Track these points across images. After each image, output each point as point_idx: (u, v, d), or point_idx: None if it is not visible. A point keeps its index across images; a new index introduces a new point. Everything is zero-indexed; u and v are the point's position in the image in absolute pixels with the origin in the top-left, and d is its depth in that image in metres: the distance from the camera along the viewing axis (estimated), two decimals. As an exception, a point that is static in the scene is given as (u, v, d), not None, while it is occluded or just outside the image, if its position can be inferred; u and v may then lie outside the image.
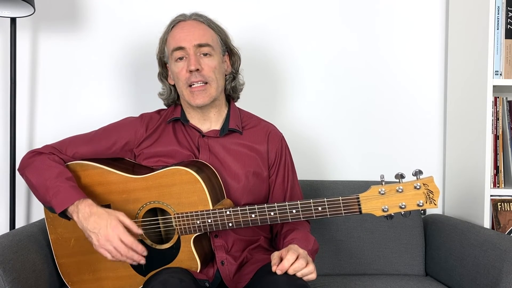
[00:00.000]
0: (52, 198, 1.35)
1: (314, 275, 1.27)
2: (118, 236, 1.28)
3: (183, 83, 1.46)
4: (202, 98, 1.45)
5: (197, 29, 1.47)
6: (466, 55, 1.91)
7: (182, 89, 1.48)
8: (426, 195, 1.26)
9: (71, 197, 1.34)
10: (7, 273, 1.30)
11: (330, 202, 1.30)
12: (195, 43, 1.45)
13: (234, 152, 1.50)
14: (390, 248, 1.86)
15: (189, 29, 1.46)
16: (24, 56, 1.98)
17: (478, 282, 1.54)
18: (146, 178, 1.39)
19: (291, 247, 1.29)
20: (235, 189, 1.46)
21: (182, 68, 1.45)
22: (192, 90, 1.45)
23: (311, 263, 1.27)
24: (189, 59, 1.44)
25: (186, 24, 1.48)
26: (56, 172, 1.39)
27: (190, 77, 1.44)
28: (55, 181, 1.36)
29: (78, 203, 1.33)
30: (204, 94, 1.45)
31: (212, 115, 1.52)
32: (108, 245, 1.28)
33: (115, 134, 1.52)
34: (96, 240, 1.30)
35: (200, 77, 1.44)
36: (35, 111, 2.00)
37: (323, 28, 2.06)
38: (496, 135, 1.81)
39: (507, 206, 1.77)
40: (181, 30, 1.47)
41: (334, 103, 2.07)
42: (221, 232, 1.43)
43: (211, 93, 1.47)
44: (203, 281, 1.39)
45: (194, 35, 1.45)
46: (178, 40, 1.45)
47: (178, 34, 1.47)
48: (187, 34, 1.45)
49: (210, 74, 1.46)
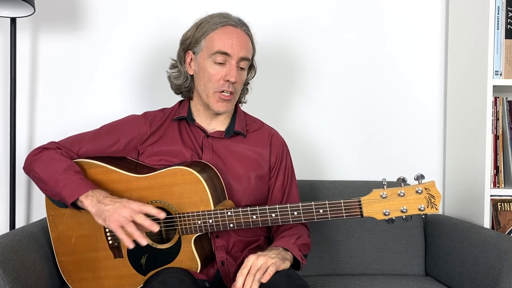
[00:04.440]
0: (62, 190, 1.35)
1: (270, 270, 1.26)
2: (136, 205, 1.29)
3: (214, 87, 1.45)
4: (226, 107, 1.48)
5: (245, 42, 1.47)
6: (466, 55, 1.92)
7: (209, 91, 1.46)
8: (428, 200, 1.27)
9: (83, 187, 1.35)
10: (7, 273, 1.30)
11: (331, 205, 1.31)
12: (241, 56, 1.45)
13: (237, 154, 1.50)
14: (390, 248, 1.86)
15: (239, 39, 1.45)
16: (24, 56, 1.97)
17: (478, 282, 1.54)
18: (148, 177, 1.39)
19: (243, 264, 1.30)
20: (237, 190, 1.46)
21: (219, 73, 1.44)
22: (220, 96, 1.45)
23: (262, 257, 1.28)
24: (231, 69, 1.44)
25: (236, 32, 1.46)
26: (64, 165, 1.40)
27: (224, 85, 1.45)
28: (64, 173, 1.38)
29: (92, 191, 1.34)
30: (228, 104, 1.48)
31: (221, 117, 1.53)
32: (125, 212, 1.28)
33: (119, 131, 1.52)
34: (113, 209, 1.29)
35: (232, 88, 1.46)
36: (35, 111, 1.99)
37: (323, 28, 2.07)
38: (496, 135, 1.81)
39: (507, 206, 1.77)
40: (231, 36, 1.44)
41: (334, 104, 2.07)
42: (222, 232, 1.43)
43: (233, 103, 1.50)
44: (203, 281, 1.39)
45: (242, 48, 1.45)
46: (226, 46, 1.43)
47: (227, 39, 1.44)
48: (236, 43, 1.44)
49: (239, 87, 1.49)
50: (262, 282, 1.25)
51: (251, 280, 1.24)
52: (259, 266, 1.27)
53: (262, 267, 1.27)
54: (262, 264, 1.27)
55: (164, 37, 1.98)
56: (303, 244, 1.44)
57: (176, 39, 1.56)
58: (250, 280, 1.24)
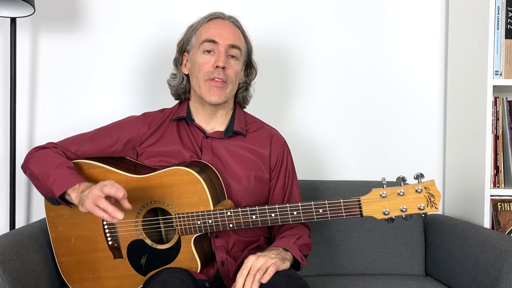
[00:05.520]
0: (52, 184, 1.35)
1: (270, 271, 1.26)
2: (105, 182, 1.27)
3: (204, 75, 1.46)
4: (218, 95, 1.46)
5: (233, 31, 1.49)
6: (466, 55, 1.92)
7: (200, 81, 1.47)
8: (427, 199, 1.26)
9: (72, 180, 1.34)
10: (7, 273, 1.30)
11: (331, 205, 1.30)
12: (229, 43, 1.46)
13: (237, 154, 1.50)
14: (390, 248, 1.86)
15: (225, 28, 1.48)
16: (24, 56, 1.97)
17: (478, 282, 1.54)
18: (147, 177, 1.39)
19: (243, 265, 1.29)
20: (237, 191, 1.46)
21: (208, 61, 1.46)
22: (211, 83, 1.45)
23: (262, 257, 1.28)
24: (219, 55, 1.45)
25: (224, 23, 1.50)
26: (58, 161, 1.40)
27: (214, 72, 1.45)
28: (56, 168, 1.38)
29: (79, 184, 1.33)
30: (220, 92, 1.46)
31: (219, 116, 1.53)
32: (97, 191, 1.25)
33: (118, 131, 1.52)
34: (88, 193, 1.27)
35: (223, 75, 1.45)
36: (35, 111, 1.99)
37: (323, 28, 2.07)
38: (496, 135, 1.81)
39: (507, 206, 1.77)
40: (218, 26, 1.48)
41: (335, 104, 2.07)
42: (222, 232, 1.43)
43: (226, 93, 1.48)
44: (203, 281, 1.39)
45: (230, 35, 1.47)
46: (213, 34, 1.46)
47: (214, 29, 1.47)
48: (223, 31, 1.47)
49: (232, 76, 1.48)
50: (262, 283, 1.25)
51: (251, 281, 1.24)
52: (259, 267, 1.26)
53: (262, 268, 1.26)
54: (262, 264, 1.27)
55: (164, 38, 1.98)
56: (303, 245, 1.43)
57: (176, 40, 1.56)
58: (250, 281, 1.24)
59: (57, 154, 1.45)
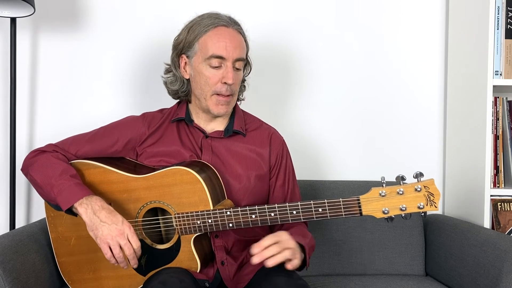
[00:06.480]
0: (57, 196, 1.34)
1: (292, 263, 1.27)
2: (130, 235, 1.28)
3: (210, 89, 1.44)
4: (225, 109, 1.47)
5: (238, 42, 1.45)
6: (466, 55, 1.92)
7: (206, 94, 1.45)
8: (427, 198, 1.26)
9: (78, 194, 1.33)
10: (7, 273, 1.30)
11: (330, 204, 1.30)
12: (236, 57, 1.44)
13: (236, 153, 1.50)
14: (390, 248, 1.86)
15: (232, 40, 1.43)
16: (24, 56, 1.98)
17: (478, 282, 1.54)
18: (147, 177, 1.39)
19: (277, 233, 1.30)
20: (236, 190, 1.46)
21: (215, 75, 1.43)
22: (219, 98, 1.45)
23: (287, 251, 1.27)
24: (227, 72, 1.43)
25: (229, 33, 1.44)
26: (60, 169, 1.39)
27: (221, 88, 1.44)
28: (59, 178, 1.36)
29: (86, 199, 1.33)
30: (227, 106, 1.47)
31: (220, 118, 1.53)
32: (118, 239, 1.27)
33: (117, 131, 1.52)
34: (108, 230, 1.28)
35: (230, 90, 1.45)
36: (35, 111, 2.00)
37: (323, 28, 2.06)
38: (496, 135, 1.81)
39: (507, 206, 1.77)
40: (224, 38, 1.43)
41: (335, 104, 2.07)
42: (222, 232, 1.43)
43: (232, 104, 1.50)
44: (203, 281, 1.39)
45: (236, 49, 1.43)
46: (220, 49, 1.42)
47: (220, 42, 1.42)
48: (229, 45, 1.42)
49: (236, 87, 1.48)
50: (269, 265, 1.24)
51: (278, 251, 1.24)
52: (290, 247, 1.27)
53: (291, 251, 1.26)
54: (292, 248, 1.27)
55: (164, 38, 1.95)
56: (312, 247, 1.43)
57: (176, 40, 1.56)
58: (275, 250, 1.24)
59: (58, 159, 1.43)
